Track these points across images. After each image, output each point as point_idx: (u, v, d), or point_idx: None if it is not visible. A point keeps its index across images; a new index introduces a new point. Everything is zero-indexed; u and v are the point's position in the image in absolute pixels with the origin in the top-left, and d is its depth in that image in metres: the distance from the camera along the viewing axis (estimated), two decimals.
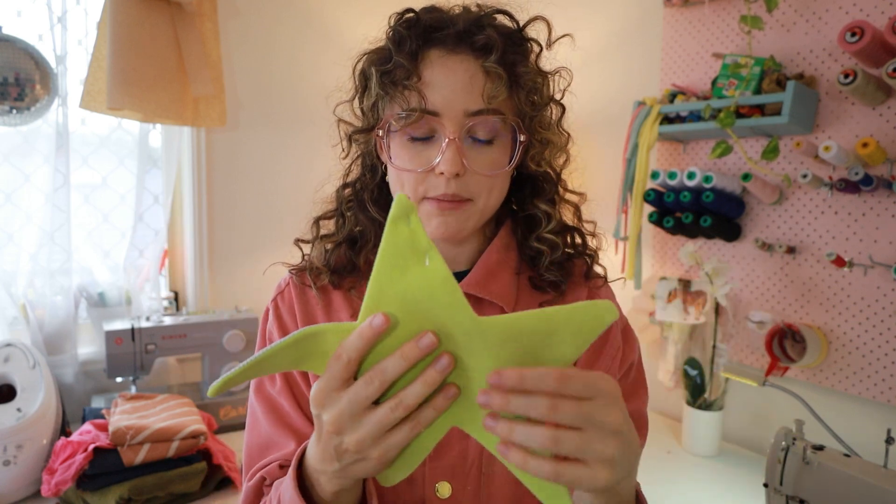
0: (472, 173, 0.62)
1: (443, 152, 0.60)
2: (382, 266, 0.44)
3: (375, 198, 0.71)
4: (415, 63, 0.61)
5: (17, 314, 1.54)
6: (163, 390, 1.61)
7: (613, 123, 1.80)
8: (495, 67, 0.60)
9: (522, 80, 0.63)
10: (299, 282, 0.72)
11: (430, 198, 0.63)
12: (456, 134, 0.60)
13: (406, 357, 0.44)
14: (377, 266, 0.44)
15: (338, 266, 0.70)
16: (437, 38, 0.62)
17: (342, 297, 0.71)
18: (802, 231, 1.42)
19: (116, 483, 1.16)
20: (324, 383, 0.46)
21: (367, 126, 0.67)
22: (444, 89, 0.61)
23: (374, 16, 2.03)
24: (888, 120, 1.27)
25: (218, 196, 1.84)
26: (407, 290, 0.44)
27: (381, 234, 0.51)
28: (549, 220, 0.70)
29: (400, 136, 0.63)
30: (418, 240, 0.43)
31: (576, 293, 0.71)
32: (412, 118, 0.61)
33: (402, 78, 0.61)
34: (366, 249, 0.70)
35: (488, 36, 0.61)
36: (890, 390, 1.28)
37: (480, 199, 0.64)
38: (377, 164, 0.71)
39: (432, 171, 0.62)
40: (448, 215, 0.63)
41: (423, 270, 0.43)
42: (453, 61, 0.61)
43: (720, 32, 1.56)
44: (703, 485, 1.35)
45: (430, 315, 0.45)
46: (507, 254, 0.70)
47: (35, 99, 1.44)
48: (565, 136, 0.71)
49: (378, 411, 0.45)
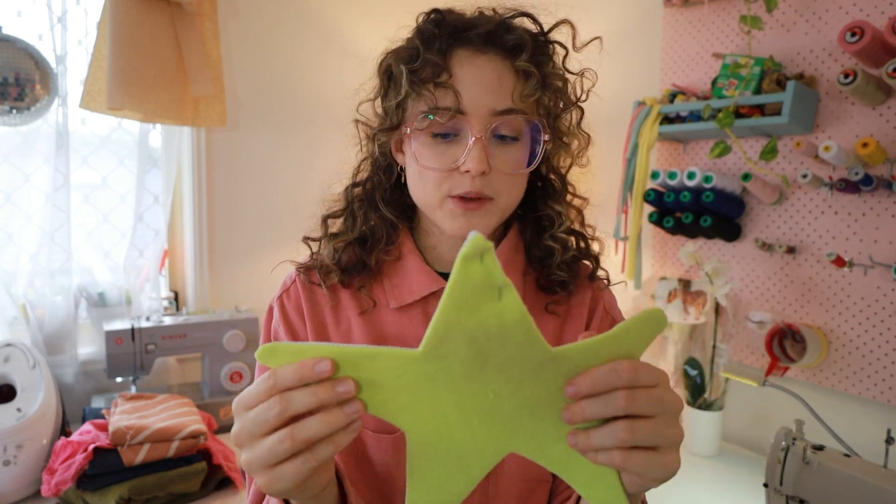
0: (495, 172, 0.63)
1: (469, 150, 0.61)
2: (451, 303, 0.43)
3: (388, 198, 0.71)
4: (444, 60, 0.62)
5: (17, 314, 1.54)
6: (163, 390, 1.61)
7: (613, 123, 1.80)
8: (527, 66, 0.61)
9: (548, 81, 0.64)
10: (306, 280, 0.72)
11: (454, 196, 0.63)
12: (482, 133, 0.61)
13: (315, 394, 0.44)
14: (445, 302, 0.43)
15: (348, 265, 0.70)
16: (465, 38, 0.63)
17: (350, 295, 0.71)
18: (802, 231, 1.42)
19: (116, 483, 1.16)
20: (245, 394, 0.46)
21: (392, 125, 0.66)
22: (472, 88, 0.61)
23: (374, 16, 2.05)
24: (888, 120, 1.27)
25: (218, 196, 1.84)
26: (478, 329, 0.43)
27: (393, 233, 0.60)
28: (562, 220, 0.70)
29: (424, 135, 0.63)
30: (494, 278, 0.42)
31: (580, 294, 0.72)
32: (444, 116, 0.61)
33: (432, 76, 0.61)
34: (377, 249, 0.70)
35: (519, 36, 0.62)
36: (890, 390, 1.28)
37: (502, 198, 0.64)
38: (393, 165, 0.71)
39: (457, 170, 0.62)
40: (472, 215, 0.63)
41: (497, 308, 0.43)
42: (482, 60, 0.62)
43: (720, 32, 1.56)
44: (703, 485, 1.35)
45: (500, 351, 0.45)
46: (514, 256, 0.71)
47: (35, 99, 1.44)
48: (586, 137, 0.71)
49: (268, 438, 0.45)
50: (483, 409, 0.48)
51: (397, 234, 0.71)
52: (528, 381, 0.46)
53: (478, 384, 0.47)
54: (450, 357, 0.46)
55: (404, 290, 0.68)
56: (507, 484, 0.66)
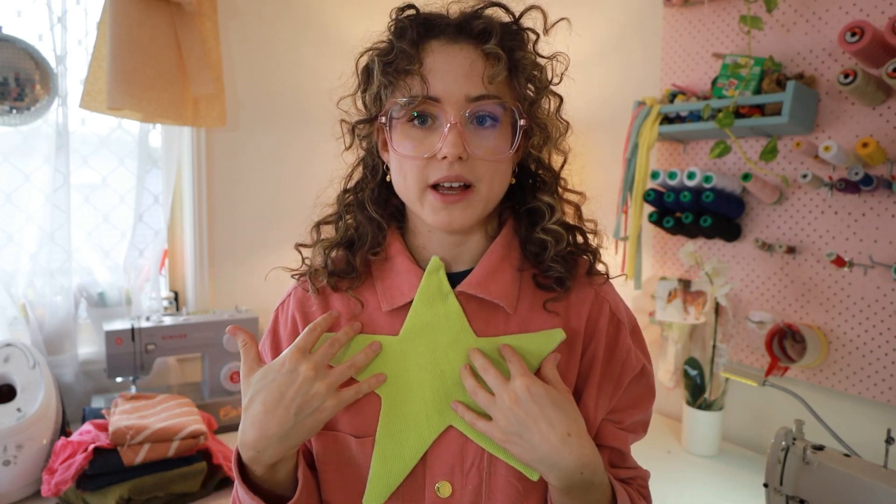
0: (474, 158, 0.63)
1: (444, 137, 0.62)
2: (419, 302, 0.67)
3: (375, 197, 0.72)
4: (416, 50, 0.63)
5: (17, 314, 1.54)
6: (163, 390, 1.61)
7: (613, 123, 1.80)
8: (494, 49, 0.62)
9: (521, 66, 0.65)
10: (302, 289, 0.74)
11: (435, 191, 0.64)
12: (457, 118, 0.62)
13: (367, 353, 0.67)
14: (416, 300, 0.67)
15: (336, 268, 0.71)
16: (438, 29, 0.64)
17: (339, 299, 0.72)
18: (802, 231, 1.42)
19: (116, 483, 1.16)
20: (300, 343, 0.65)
21: (370, 117, 0.68)
22: (446, 75, 0.62)
23: (374, 16, 2.04)
24: (888, 120, 1.27)
25: (218, 196, 1.84)
26: (433, 320, 0.67)
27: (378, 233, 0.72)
28: (553, 212, 0.70)
29: (402, 126, 0.65)
30: (443, 287, 0.67)
31: (581, 292, 0.71)
32: (414, 103, 0.62)
33: (404, 65, 0.63)
34: (362, 250, 0.71)
35: (486, 22, 0.64)
36: (890, 390, 1.28)
37: (483, 186, 0.64)
38: (378, 164, 0.72)
39: (435, 157, 0.63)
40: (453, 207, 0.64)
41: (444, 306, 0.67)
42: (454, 49, 0.63)
43: (720, 32, 1.56)
44: (703, 485, 1.35)
45: (444, 333, 0.67)
46: (509, 252, 0.70)
47: (35, 99, 1.44)
48: (564, 124, 0.71)
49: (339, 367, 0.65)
50: (433, 384, 0.67)
51: (384, 234, 0.72)
52: (461, 363, 0.66)
53: (432, 363, 0.67)
54: (416, 340, 0.67)
55: (395, 293, 0.69)
56: (501, 484, 0.66)
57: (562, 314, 0.69)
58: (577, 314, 0.70)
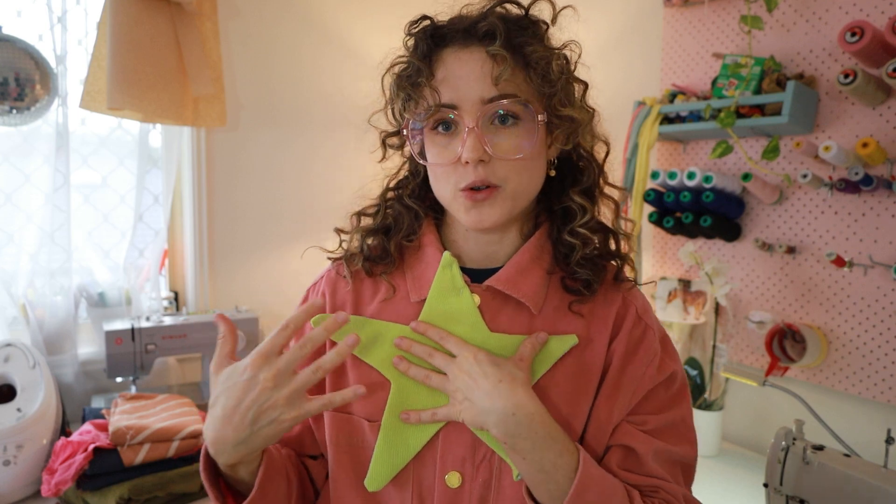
0: (497, 159, 0.64)
1: (464, 141, 0.63)
2: (433, 295, 0.69)
3: (416, 194, 0.75)
4: (427, 62, 0.65)
5: (17, 314, 1.54)
6: (163, 390, 1.61)
7: (613, 123, 1.79)
8: (497, 50, 0.63)
9: (533, 60, 0.65)
10: (336, 272, 0.76)
11: (463, 190, 0.65)
12: (474, 122, 0.63)
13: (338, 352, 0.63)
14: (430, 294, 0.69)
15: (372, 253, 0.73)
16: (448, 38, 0.66)
17: (370, 285, 0.74)
18: (802, 231, 1.42)
19: (116, 483, 1.16)
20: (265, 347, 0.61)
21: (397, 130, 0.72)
22: (459, 81, 0.64)
23: (374, 16, 2.05)
24: (888, 120, 1.27)
25: (218, 196, 1.84)
26: (446, 312, 0.69)
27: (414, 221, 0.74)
28: (584, 213, 0.70)
29: (429, 134, 0.67)
30: (456, 281, 0.69)
31: (608, 296, 0.71)
32: (431, 112, 0.65)
33: (418, 78, 0.65)
34: (397, 236, 0.73)
35: (490, 23, 0.64)
36: (890, 390, 1.28)
37: (510, 184, 0.65)
38: (420, 168, 0.75)
39: (459, 162, 0.64)
40: (482, 206, 0.65)
41: (458, 300, 0.69)
42: (465, 54, 0.64)
43: (720, 32, 1.56)
44: (703, 485, 1.34)
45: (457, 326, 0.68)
46: (540, 253, 0.71)
47: (35, 99, 1.43)
48: (590, 112, 0.71)
49: (303, 372, 0.62)
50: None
51: (420, 223, 0.74)
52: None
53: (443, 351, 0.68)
54: None
55: (423, 284, 0.71)
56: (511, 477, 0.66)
57: (586, 316, 0.69)
58: (602, 316, 0.70)
